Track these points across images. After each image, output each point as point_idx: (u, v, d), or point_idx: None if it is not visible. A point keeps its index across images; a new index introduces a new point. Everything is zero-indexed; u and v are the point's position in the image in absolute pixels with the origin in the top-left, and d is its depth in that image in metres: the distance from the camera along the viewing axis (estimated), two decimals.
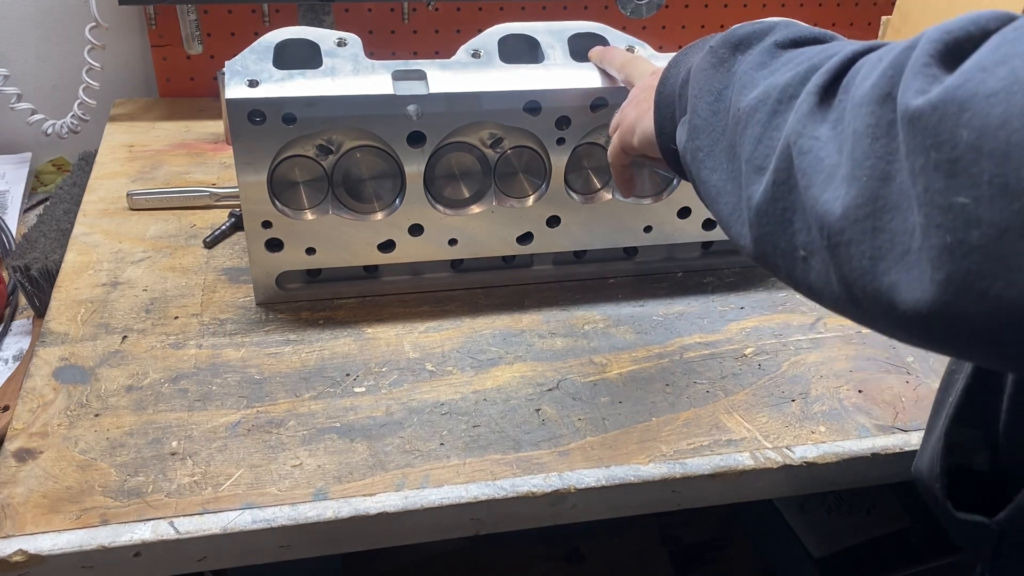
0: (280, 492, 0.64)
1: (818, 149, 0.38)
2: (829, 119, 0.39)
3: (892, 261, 0.34)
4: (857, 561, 1.09)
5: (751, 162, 0.43)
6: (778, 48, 0.48)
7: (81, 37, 1.04)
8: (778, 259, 0.42)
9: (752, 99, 0.45)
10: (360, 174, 0.76)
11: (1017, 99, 0.29)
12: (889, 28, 1.12)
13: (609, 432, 0.71)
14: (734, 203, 0.46)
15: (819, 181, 0.38)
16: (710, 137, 0.49)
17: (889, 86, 0.35)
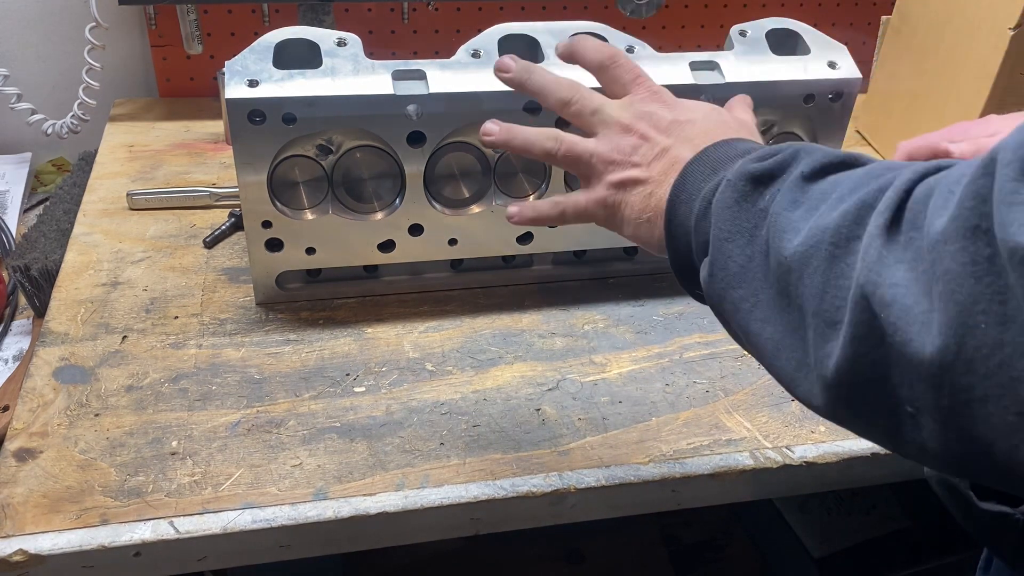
0: (280, 492, 0.64)
1: (903, 297, 0.34)
2: (905, 260, 0.35)
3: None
4: (857, 561, 1.09)
5: (819, 315, 0.39)
6: (806, 181, 0.43)
7: (81, 37, 1.04)
8: (875, 417, 0.38)
9: (799, 245, 0.40)
10: (360, 174, 0.76)
11: None
12: (889, 28, 1.12)
13: (609, 432, 0.71)
14: (799, 358, 0.41)
15: (915, 332, 0.34)
16: (751, 286, 0.44)
17: (976, 218, 0.32)
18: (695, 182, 0.50)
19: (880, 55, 1.15)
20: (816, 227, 0.40)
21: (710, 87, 0.78)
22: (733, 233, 0.45)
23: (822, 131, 0.84)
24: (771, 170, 0.45)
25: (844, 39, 0.85)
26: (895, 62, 1.10)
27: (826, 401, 0.39)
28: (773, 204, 0.44)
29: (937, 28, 1.01)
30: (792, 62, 0.80)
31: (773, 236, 0.42)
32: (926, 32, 1.03)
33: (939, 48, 1.01)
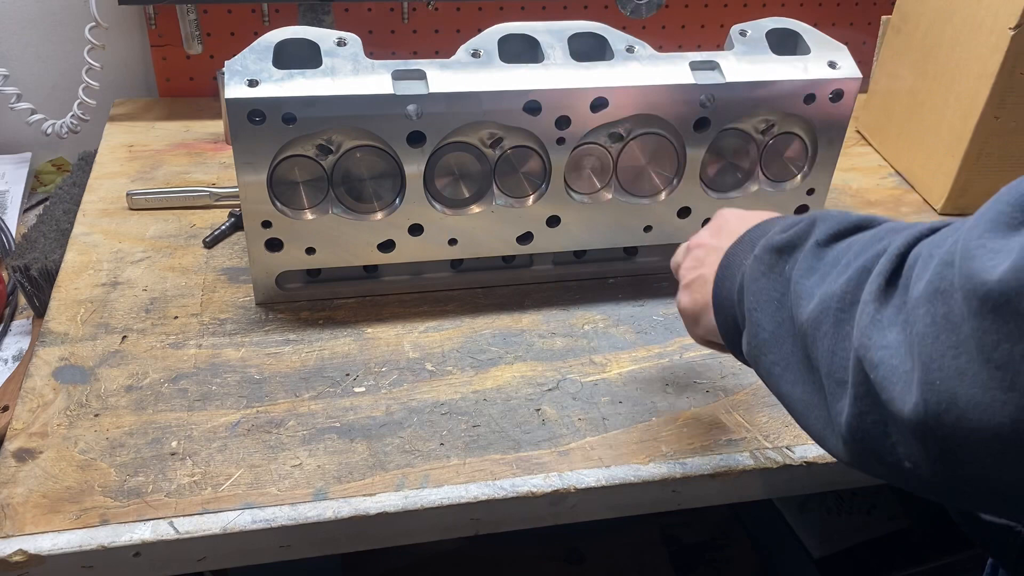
0: (280, 492, 0.64)
1: (890, 358, 0.37)
2: (898, 322, 0.37)
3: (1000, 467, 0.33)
4: (857, 561, 1.09)
5: (831, 376, 0.42)
6: (820, 248, 0.46)
7: (81, 37, 1.04)
8: (883, 470, 0.40)
9: (812, 311, 0.43)
10: (360, 174, 0.76)
11: None
12: (889, 28, 1.12)
13: (609, 432, 0.71)
14: (824, 417, 0.43)
15: (898, 392, 0.36)
16: (781, 350, 0.47)
17: (938, 281, 0.35)
18: (736, 262, 0.53)
19: (880, 55, 1.15)
20: (825, 293, 0.42)
21: (710, 87, 0.78)
22: (762, 302, 0.48)
23: (822, 131, 0.84)
24: (792, 240, 0.48)
25: (844, 39, 0.85)
26: (895, 62, 1.10)
27: (847, 456, 0.42)
28: (794, 272, 0.46)
29: (937, 28, 1.01)
30: (792, 62, 0.80)
31: (794, 303, 0.45)
32: (926, 32, 1.03)
33: (939, 48, 1.01)
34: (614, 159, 0.81)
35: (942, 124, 1.02)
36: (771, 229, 0.52)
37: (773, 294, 0.48)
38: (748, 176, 0.86)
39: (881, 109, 1.15)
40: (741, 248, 0.54)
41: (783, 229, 0.50)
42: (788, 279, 0.47)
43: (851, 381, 0.39)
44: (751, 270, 0.50)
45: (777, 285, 0.47)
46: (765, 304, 0.48)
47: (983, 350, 0.32)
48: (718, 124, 0.81)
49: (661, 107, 0.78)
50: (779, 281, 0.47)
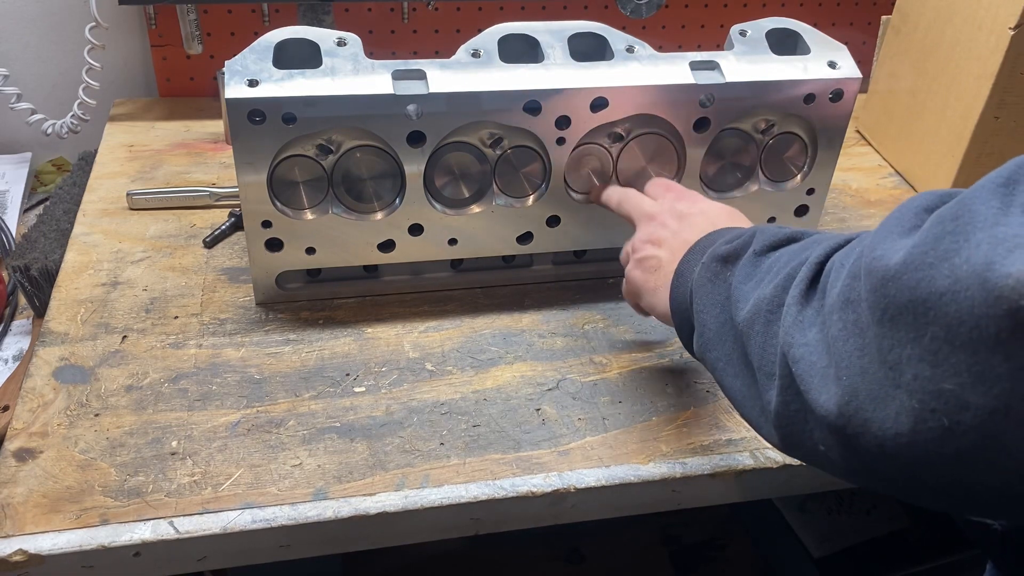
0: (280, 492, 0.64)
1: (809, 355, 0.42)
2: (816, 323, 0.42)
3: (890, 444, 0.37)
4: (857, 561, 1.09)
5: (762, 370, 0.47)
6: (757, 257, 0.52)
7: (81, 37, 1.04)
8: (806, 455, 0.45)
9: (747, 313, 0.49)
10: (360, 174, 0.76)
11: (963, 299, 0.33)
12: (889, 28, 1.12)
13: (609, 432, 0.71)
14: (759, 407, 0.48)
15: (815, 385, 0.41)
16: (723, 348, 0.52)
17: (848, 291, 0.40)
18: (689, 269, 0.59)
19: (880, 55, 1.15)
20: (758, 297, 0.48)
21: (710, 87, 0.78)
22: (707, 305, 0.54)
23: (822, 131, 0.84)
24: (733, 251, 0.55)
25: (844, 39, 0.85)
26: (895, 62, 1.10)
27: (777, 441, 0.47)
28: (733, 279, 0.53)
29: (937, 28, 1.01)
30: (792, 62, 0.80)
31: (733, 306, 0.51)
32: (926, 32, 1.03)
33: (939, 48, 1.01)
34: (614, 159, 0.81)
35: (942, 124, 1.02)
36: (718, 237, 0.59)
37: (717, 298, 0.54)
38: (748, 176, 0.86)
39: (881, 109, 1.15)
40: (693, 256, 0.60)
41: (728, 240, 0.56)
42: (729, 285, 0.53)
43: (778, 374, 0.45)
44: (699, 276, 0.56)
45: (721, 290, 0.54)
46: (710, 307, 0.54)
47: (881, 351, 0.37)
48: (718, 124, 0.81)
49: (661, 107, 0.78)
50: (722, 287, 0.54)
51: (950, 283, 0.33)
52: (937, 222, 0.36)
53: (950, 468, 0.36)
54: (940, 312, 0.34)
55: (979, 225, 0.34)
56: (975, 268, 0.33)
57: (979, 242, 0.33)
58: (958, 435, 0.34)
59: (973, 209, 0.34)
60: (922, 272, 0.35)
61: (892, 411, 0.37)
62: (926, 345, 0.34)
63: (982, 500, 0.38)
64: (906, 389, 0.36)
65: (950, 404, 0.34)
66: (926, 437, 0.35)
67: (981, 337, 0.32)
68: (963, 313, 0.33)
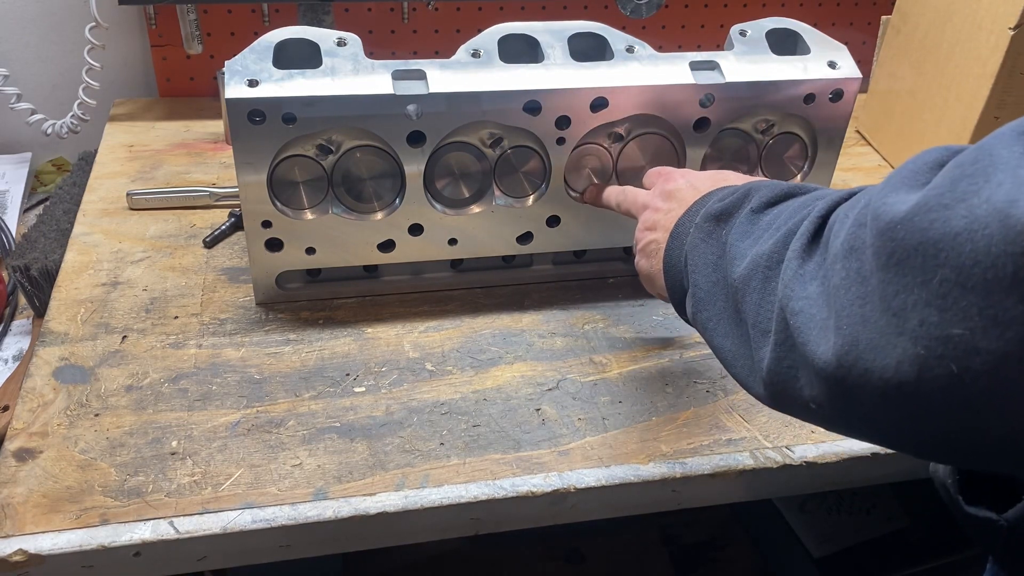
0: (280, 492, 0.64)
1: (809, 307, 0.41)
2: (819, 276, 0.42)
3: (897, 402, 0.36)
4: (857, 561, 1.09)
5: (756, 327, 0.46)
6: (755, 214, 0.52)
7: (81, 37, 1.04)
8: (795, 411, 0.45)
9: (744, 269, 0.48)
10: (360, 174, 0.76)
11: (979, 238, 0.32)
12: (889, 28, 1.12)
13: (609, 432, 0.71)
14: (749, 365, 0.48)
15: (813, 337, 0.40)
16: (715, 307, 0.52)
17: (852, 240, 0.39)
18: (684, 231, 0.59)
19: (880, 55, 1.15)
20: (756, 254, 0.48)
21: (710, 87, 0.78)
22: (700, 265, 0.54)
23: (822, 131, 0.84)
24: (727, 208, 0.54)
25: (844, 39, 0.85)
26: (895, 62, 1.10)
27: (767, 398, 0.46)
28: (729, 236, 0.52)
29: (937, 28, 1.01)
30: (792, 62, 0.80)
31: (728, 263, 0.51)
32: (926, 32, 1.03)
33: (939, 48, 1.01)
34: (614, 159, 0.81)
35: (942, 124, 1.02)
36: (711, 199, 0.58)
37: (710, 257, 0.53)
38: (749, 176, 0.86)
39: (881, 109, 1.15)
40: (688, 218, 0.59)
41: (720, 198, 0.55)
42: (724, 243, 0.52)
43: (774, 329, 0.44)
44: (692, 237, 0.56)
45: (714, 249, 0.53)
46: (703, 267, 0.53)
47: (884, 299, 0.36)
48: (718, 124, 0.81)
49: (661, 107, 0.78)
50: (716, 245, 0.53)
51: (967, 223, 0.32)
52: (954, 166, 0.35)
53: (955, 416, 0.35)
54: (954, 253, 0.33)
55: (1000, 167, 0.33)
56: (996, 206, 0.32)
57: (1000, 181, 0.32)
58: (967, 382, 0.33)
59: (994, 153, 0.34)
60: (936, 213, 0.34)
61: (894, 359, 0.36)
62: (935, 289, 0.33)
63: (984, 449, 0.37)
64: (911, 336, 0.35)
65: (959, 349, 0.33)
66: (932, 386, 0.34)
67: (996, 277, 0.31)
68: (979, 253, 0.32)
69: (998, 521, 0.51)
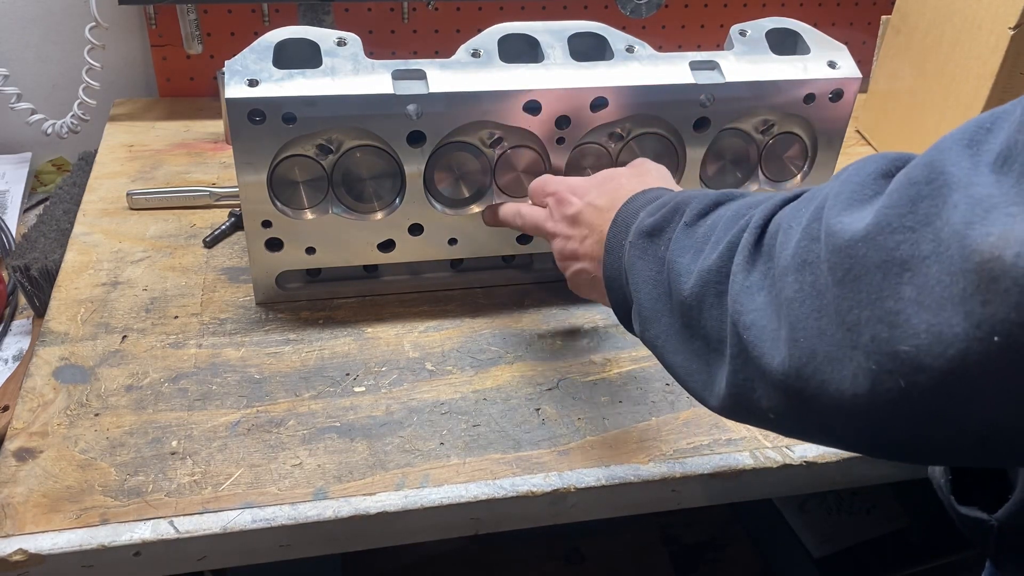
0: (280, 492, 0.64)
1: (759, 319, 0.42)
2: (764, 287, 0.42)
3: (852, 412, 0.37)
4: (857, 561, 1.09)
5: (710, 341, 0.47)
6: (689, 227, 0.52)
7: (81, 37, 1.04)
8: (754, 422, 0.46)
9: (693, 286, 0.48)
10: (360, 174, 0.76)
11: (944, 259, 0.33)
12: (889, 28, 1.12)
13: (609, 432, 0.71)
14: (704, 379, 0.49)
15: (767, 348, 0.41)
16: (660, 324, 0.52)
17: (805, 254, 0.39)
18: (617, 244, 0.58)
19: (880, 55, 1.15)
20: (702, 269, 0.48)
21: (710, 87, 0.78)
22: (640, 283, 0.54)
23: (822, 131, 0.84)
24: (659, 224, 0.54)
25: (844, 39, 0.85)
26: (895, 62, 1.10)
27: (726, 410, 0.47)
28: (668, 252, 0.52)
29: (937, 28, 1.01)
30: (792, 62, 0.80)
31: (672, 280, 0.51)
32: (926, 32, 1.03)
33: (939, 48, 1.01)
34: (614, 159, 0.81)
35: (942, 124, 1.02)
36: (638, 211, 0.57)
37: (649, 274, 0.53)
38: (748, 176, 0.86)
39: (881, 109, 1.15)
40: (616, 233, 0.59)
41: (650, 213, 0.55)
42: (663, 259, 0.52)
43: (728, 342, 0.45)
44: (629, 255, 0.55)
45: (652, 265, 0.53)
46: (643, 284, 0.53)
47: (840, 313, 0.37)
48: (718, 124, 0.81)
49: (661, 107, 0.78)
50: (654, 261, 0.53)
51: (934, 246, 0.33)
52: (908, 184, 0.35)
53: (907, 426, 0.36)
54: (919, 274, 0.34)
55: (954, 187, 0.33)
56: (955, 228, 0.33)
57: (956, 203, 0.33)
58: (914, 397, 0.34)
59: (946, 171, 0.34)
60: (903, 235, 0.34)
61: (849, 372, 0.37)
62: (888, 307, 0.35)
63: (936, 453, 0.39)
64: (863, 350, 0.36)
65: (906, 366, 0.34)
66: (884, 399, 0.36)
67: (949, 295, 0.32)
68: (942, 273, 0.33)
69: (989, 521, 0.51)
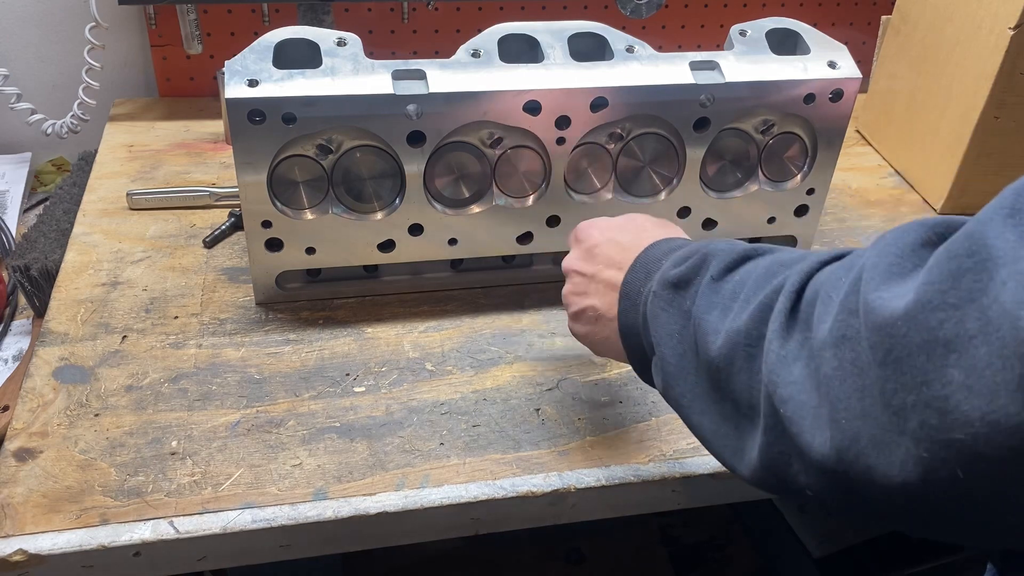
0: (280, 492, 0.64)
1: (798, 394, 0.39)
2: (801, 358, 0.40)
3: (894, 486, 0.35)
4: (857, 561, 1.09)
5: (746, 408, 0.44)
6: (715, 282, 0.49)
7: (81, 37, 1.04)
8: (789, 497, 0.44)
9: (721, 347, 0.46)
10: (360, 174, 0.76)
11: (994, 340, 0.31)
12: (889, 28, 1.12)
13: (609, 432, 0.71)
14: (734, 445, 0.46)
15: (807, 427, 0.39)
16: (686, 382, 0.50)
17: (844, 328, 0.37)
18: (635, 290, 0.56)
19: (880, 55, 1.15)
20: (731, 330, 0.45)
21: (710, 87, 0.78)
22: (664, 337, 0.51)
23: (822, 131, 0.84)
24: (686, 275, 0.51)
25: (844, 39, 0.85)
26: (895, 62, 1.10)
27: (758, 481, 0.44)
28: (694, 307, 0.49)
29: (937, 28, 1.01)
30: (792, 62, 0.80)
31: (699, 338, 0.48)
32: (926, 32, 1.03)
33: (939, 48, 1.01)
34: (614, 159, 0.81)
35: (942, 124, 1.02)
36: (662, 259, 0.55)
37: (673, 328, 0.50)
38: (748, 176, 0.86)
39: (881, 109, 1.15)
40: (636, 277, 0.56)
41: (675, 264, 0.52)
42: (688, 313, 0.49)
43: (762, 413, 0.42)
44: (651, 305, 0.52)
45: (677, 319, 0.50)
46: (667, 338, 0.51)
47: (884, 395, 0.35)
48: (718, 124, 0.81)
49: (661, 107, 0.78)
50: (679, 315, 0.50)
51: (980, 325, 0.31)
52: (949, 258, 0.34)
53: (964, 512, 0.34)
54: (966, 355, 0.32)
55: (1000, 261, 0.32)
56: (1006, 308, 0.31)
57: (1004, 280, 0.31)
58: (972, 485, 0.32)
59: (989, 244, 0.32)
60: (944, 313, 0.33)
61: (898, 459, 0.34)
62: (936, 392, 0.32)
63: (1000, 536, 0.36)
64: (912, 437, 0.34)
65: (962, 456, 0.32)
66: (937, 488, 0.34)
67: (1005, 380, 0.30)
68: (992, 355, 0.31)
69: None
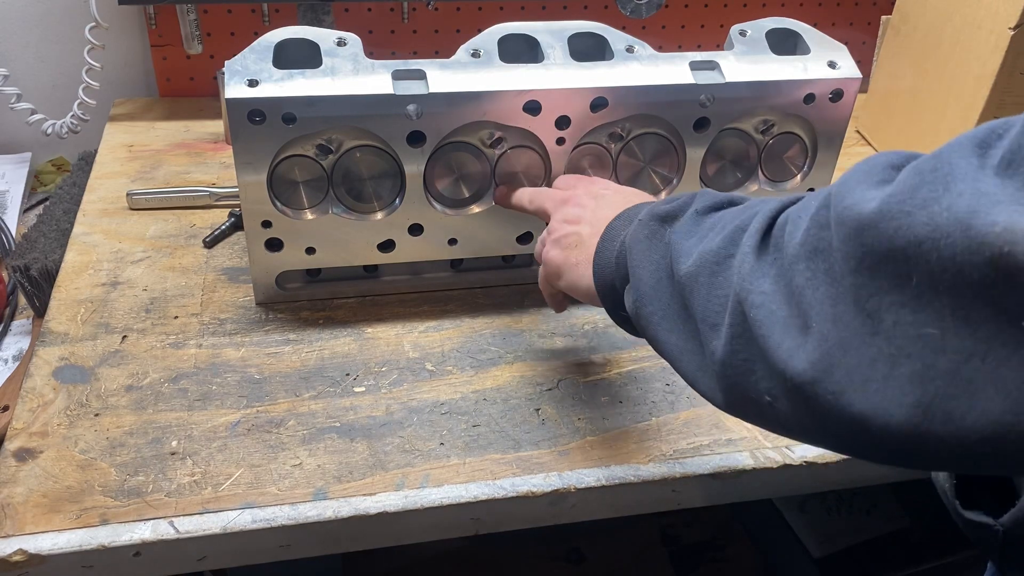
0: (280, 492, 0.64)
1: (768, 303, 0.42)
2: (770, 274, 0.43)
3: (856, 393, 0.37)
4: (857, 561, 1.09)
5: (705, 321, 0.47)
6: (699, 216, 0.53)
7: (81, 37, 1.04)
8: (748, 406, 0.45)
9: (691, 266, 0.49)
10: (360, 174, 0.76)
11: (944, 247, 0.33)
12: (889, 28, 1.12)
13: (609, 432, 0.71)
14: (698, 361, 0.49)
15: (776, 332, 0.41)
16: (660, 302, 0.52)
17: (815, 241, 0.40)
18: (615, 233, 0.60)
19: (880, 55, 1.15)
20: (703, 251, 0.49)
21: (710, 87, 0.78)
22: (643, 261, 0.54)
23: (822, 131, 0.84)
24: (673, 211, 0.55)
25: (844, 39, 0.85)
26: (895, 62, 1.10)
27: (721, 392, 0.46)
28: (673, 235, 0.53)
29: (937, 28, 1.01)
30: (792, 62, 0.80)
31: (674, 261, 0.51)
32: (926, 32, 1.03)
33: (939, 48, 1.01)
34: (614, 159, 0.81)
35: (942, 124, 1.02)
36: (645, 206, 0.59)
37: (654, 255, 0.54)
38: (748, 176, 0.86)
39: (881, 109, 1.15)
40: (620, 223, 0.61)
41: (666, 201, 0.57)
42: (668, 243, 0.53)
43: (727, 322, 0.44)
44: (634, 234, 0.56)
45: (658, 247, 0.54)
46: (646, 263, 0.54)
47: (858, 301, 0.37)
48: (718, 124, 0.81)
49: (661, 107, 0.78)
50: (660, 244, 0.54)
51: (929, 231, 0.34)
52: (914, 173, 0.36)
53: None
54: (920, 260, 0.34)
55: (959, 177, 0.34)
56: (957, 215, 0.33)
57: (961, 192, 0.33)
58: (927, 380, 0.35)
59: (952, 162, 0.35)
60: (899, 220, 0.35)
61: (868, 358, 0.37)
62: (911, 291, 0.35)
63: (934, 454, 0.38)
64: (884, 335, 0.36)
65: (927, 348, 0.34)
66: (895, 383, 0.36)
67: (965, 283, 0.33)
68: (945, 260, 0.33)
69: (994, 526, 0.51)
